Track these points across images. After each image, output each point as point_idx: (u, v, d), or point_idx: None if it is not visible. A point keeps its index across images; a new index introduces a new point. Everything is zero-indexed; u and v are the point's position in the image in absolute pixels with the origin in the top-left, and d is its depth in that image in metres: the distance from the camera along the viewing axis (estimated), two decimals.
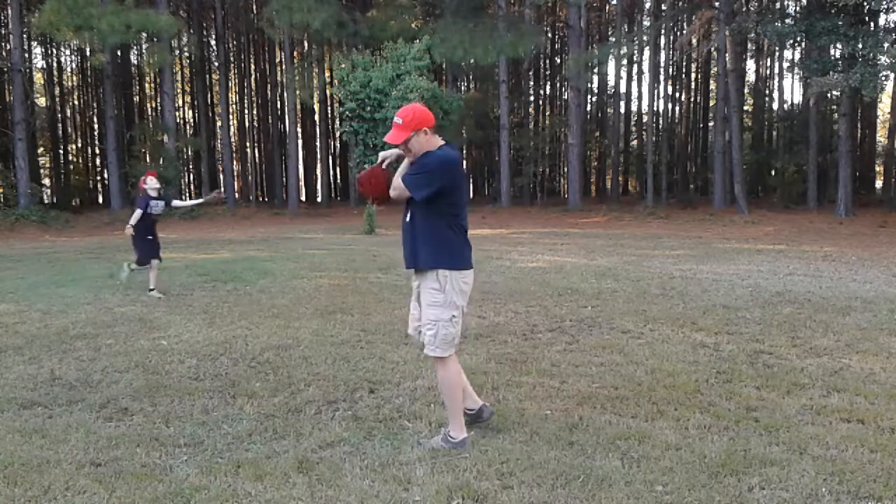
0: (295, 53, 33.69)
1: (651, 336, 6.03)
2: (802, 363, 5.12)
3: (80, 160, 41.86)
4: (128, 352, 5.63)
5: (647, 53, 33.41)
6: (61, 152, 39.67)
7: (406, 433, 3.78)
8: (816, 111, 27.15)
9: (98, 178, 41.02)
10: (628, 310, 7.23)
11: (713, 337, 5.98)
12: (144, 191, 8.42)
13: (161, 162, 27.39)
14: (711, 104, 35.66)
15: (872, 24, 22.57)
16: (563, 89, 40.15)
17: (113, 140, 28.21)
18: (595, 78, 38.38)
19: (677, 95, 42.28)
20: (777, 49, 34.47)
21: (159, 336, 6.20)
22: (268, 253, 13.59)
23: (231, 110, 41.27)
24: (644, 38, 31.03)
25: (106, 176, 34.62)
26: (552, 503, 2.99)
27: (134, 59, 37.30)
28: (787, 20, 25.26)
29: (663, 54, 38.76)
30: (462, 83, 38.22)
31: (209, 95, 39.51)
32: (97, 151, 40.36)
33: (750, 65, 40.61)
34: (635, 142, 41.92)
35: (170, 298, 8.22)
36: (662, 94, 39.34)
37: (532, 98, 42.48)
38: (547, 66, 43.95)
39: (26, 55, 33.50)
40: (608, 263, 11.33)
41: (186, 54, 36.42)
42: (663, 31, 34.90)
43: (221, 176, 35.17)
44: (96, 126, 40.03)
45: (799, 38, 26.43)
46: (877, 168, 39.41)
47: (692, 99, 42.51)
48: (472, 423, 3.75)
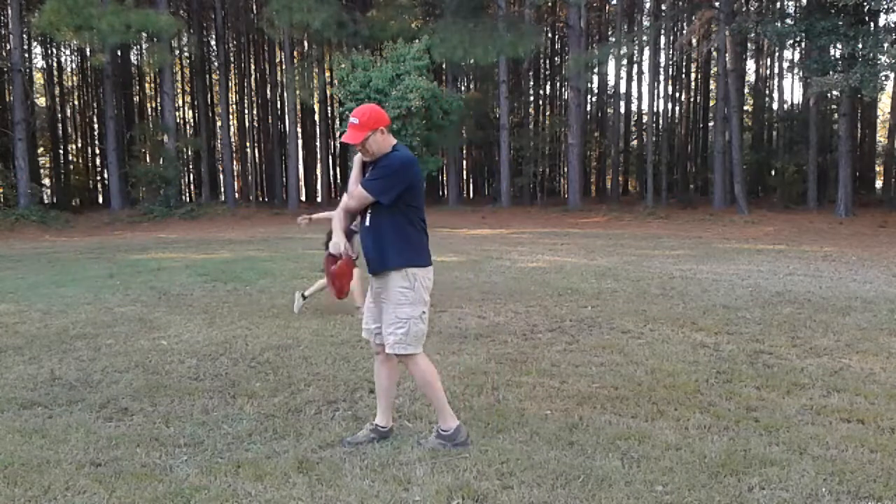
0: (295, 53, 33.67)
1: (651, 336, 6.03)
2: (802, 363, 5.12)
3: (80, 160, 41.84)
4: (128, 352, 5.63)
5: (647, 53, 33.38)
6: (61, 152, 39.64)
7: (406, 433, 3.79)
8: (816, 111, 27.14)
9: (98, 178, 41.00)
10: (628, 310, 7.23)
11: (713, 337, 5.98)
12: None
13: (161, 162, 27.39)
14: (711, 104, 35.63)
15: (872, 24, 22.56)
16: (563, 89, 40.15)
17: (113, 140, 28.20)
18: (595, 78, 38.37)
19: (677, 95, 42.27)
20: (777, 49, 34.45)
21: (159, 336, 6.20)
22: (268, 253, 13.59)
23: (231, 110, 41.24)
24: (644, 38, 31.02)
25: (106, 176, 34.62)
26: (552, 503, 2.99)
27: (134, 59, 37.28)
28: (787, 20, 25.26)
29: (663, 54, 38.73)
30: (462, 83, 38.19)
31: (209, 95, 39.49)
32: (97, 151, 40.34)
33: (750, 65, 40.61)
34: (635, 142, 41.89)
35: (170, 298, 8.22)
36: (662, 94, 39.33)
37: (532, 98, 42.46)
38: (547, 66, 43.93)
39: (26, 55, 33.49)
40: (608, 263, 11.33)
41: (186, 54, 36.40)
42: (663, 31, 34.87)
43: (221, 176, 35.16)
44: (96, 126, 40.01)
45: (799, 38, 26.40)
46: (877, 168, 39.40)
47: (692, 99, 42.49)
48: (380, 439, 3.64)
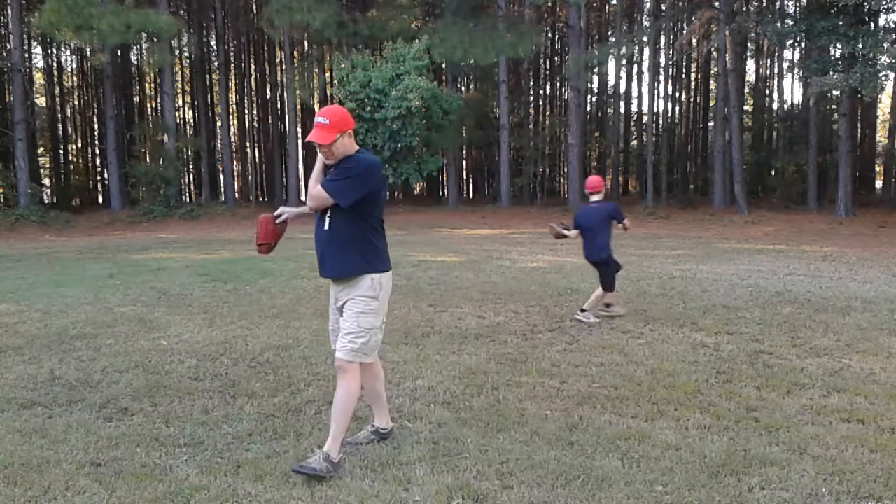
0: (295, 53, 33.67)
1: (651, 336, 6.03)
2: (802, 363, 5.12)
3: (80, 160, 41.84)
4: (128, 352, 5.63)
5: (647, 53, 33.38)
6: (61, 152, 39.65)
7: (406, 433, 3.79)
8: (816, 111, 27.15)
9: (98, 178, 41.01)
10: (628, 310, 7.23)
11: (713, 337, 5.98)
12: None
13: (161, 162, 27.39)
14: (711, 104, 35.63)
15: (872, 24, 22.55)
16: (563, 89, 40.15)
17: (113, 140, 28.21)
18: (595, 78, 38.36)
19: (677, 95, 42.26)
20: (777, 49, 34.46)
21: (159, 336, 6.20)
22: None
23: (231, 110, 41.23)
24: (644, 38, 31.01)
25: (106, 176, 34.61)
26: (552, 503, 3.00)
27: (134, 59, 37.28)
28: (787, 20, 25.25)
29: (663, 54, 38.73)
30: (462, 83, 38.20)
31: (209, 95, 39.49)
32: (97, 151, 40.35)
33: (750, 65, 40.62)
34: (635, 142, 41.89)
35: (170, 298, 8.22)
36: (662, 94, 39.34)
37: (532, 98, 42.45)
38: (547, 66, 43.92)
39: (26, 55, 33.50)
40: None
41: (186, 54, 36.41)
42: (663, 31, 34.87)
43: (221, 176, 35.16)
44: (96, 126, 40.01)
45: (799, 38, 26.41)
46: (877, 168, 39.43)
47: (692, 99, 42.49)
48: (380, 440, 3.66)
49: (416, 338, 6.01)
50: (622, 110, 40.61)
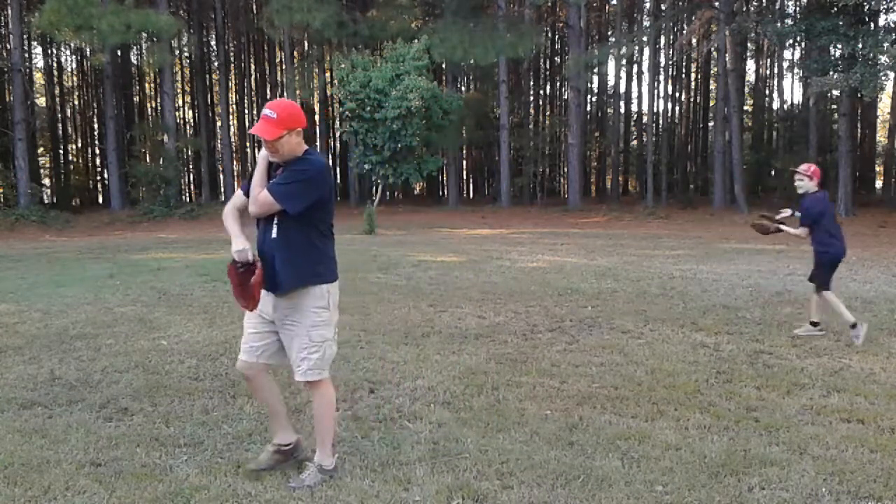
0: (295, 53, 33.69)
1: (651, 336, 6.03)
2: (802, 363, 5.12)
3: (80, 160, 41.84)
4: (128, 352, 5.63)
5: (647, 53, 33.38)
6: (61, 152, 39.65)
7: (406, 433, 3.78)
8: (816, 111, 27.15)
9: (98, 178, 41.01)
10: (628, 310, 7.23)
11: (713, 337, 5.98)
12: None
13: (161, 162, 27.39)
14: (711, 104, 35.65)
15: (872, 24, 22.54)
16: (563, 89, 40.15)
17: (113, 140, 28.21)
18: (595, 78, 38.37)
19: (677, 95, 42.28)
20: (777, 49, 34.46)
21: (159, 336, 6.19)
22: None
23: (231, 110, 41.23)
24: (644, 38, 31.01)
25: (106, 176, 34.61)
26: (552, 503, 3.00)
27: (134, 59, 37.29)
28: (787, 20, 25.26)
29: (663, 54, 38.74)
30: (462, 83, 38.21)
31: (209, 95, 39.49)
32: (97, 151, 40.35)
33: (750, 65, 40.63)
34: (635, 142, 41.90)
35: (170, 298, 8.22)
36: (662, 94, 39.36)
37: (532, 98, 42.47)
38: (547, 66, 43.93)
39: (26, 55, 33.49)
40: (608, 263, 11.32)
41: (186, 54, 36.41)
42: (663, 31, 34.87)
43: (221, 176, 35.16)
44: (96, 126, 40.01)
45: (799, 38, 26.42)
46: (877, 168, 39.43)
47: (692, 99, 42.50)
48: (286, 461, 3.35)
49: (416, 338, 6.00)
50: (622, 110, 40.62)
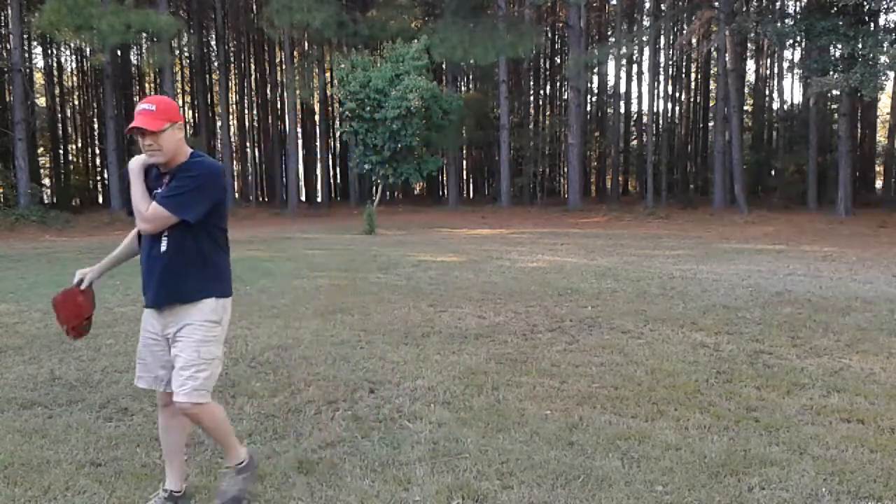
0: (295, 53, 33.68)
1: (651, 336, 6.03)
2: (802, 363, 5.12)
3: (80, 160, 41.85)
4: (128, 352, 5.62)
5: (647, 53, 33.40)
6: (61, 152, 39.66)
7: (406, 433, 3.79)
8: (816, 111, 27.15)
9: (98, 178, 41.02)
10: (628, 310, 7.23)
11: (713, 337, 5.98)
12: None
13: None
14: (711, 104, 35.66)
15: (872, 24, 22.55)
16: (563, 89, 40.17)
17: (113, 140, 28.20)
18: (595, 78, 38.41)
19: (677, 95, 42.29)
20: (777, 49, 34.46)
21: None
22: (268, 253, 13.59)
23: (231, 110, 41.26)
24: (644, 38, 31.04)
25: (106, 176, 34.63)
26: (552, 503, 3.00)
27: (134, 59, 37.30)
28: (787, 20, 25.25)
29: (663, 54, 38.75)
30: (462, 83, 38.23)
31: (209, 95, 39.51)
32: (97, 151, 40.36)
33: (750, 65, 40.63)
34: (635, 142, 41.92)
35: None
36: (662, 94, 39.37)
37: (532, 98, 42.49)
38: (547, 66, 43.96)
39: (26, 55, 33.50)
40: (608, 263, 11.32)
41: (186, 54, 36.43)
42: (663, 31, 34.89)
43: None
44: (96, 126, 40.03)
45: (799, 38, 26.42)
46: (877, 168, 39.44)
47: (692, 99, 42.52)
48: None
49: (416, 338, 6.00)
50: (622, 110, 40.64)
